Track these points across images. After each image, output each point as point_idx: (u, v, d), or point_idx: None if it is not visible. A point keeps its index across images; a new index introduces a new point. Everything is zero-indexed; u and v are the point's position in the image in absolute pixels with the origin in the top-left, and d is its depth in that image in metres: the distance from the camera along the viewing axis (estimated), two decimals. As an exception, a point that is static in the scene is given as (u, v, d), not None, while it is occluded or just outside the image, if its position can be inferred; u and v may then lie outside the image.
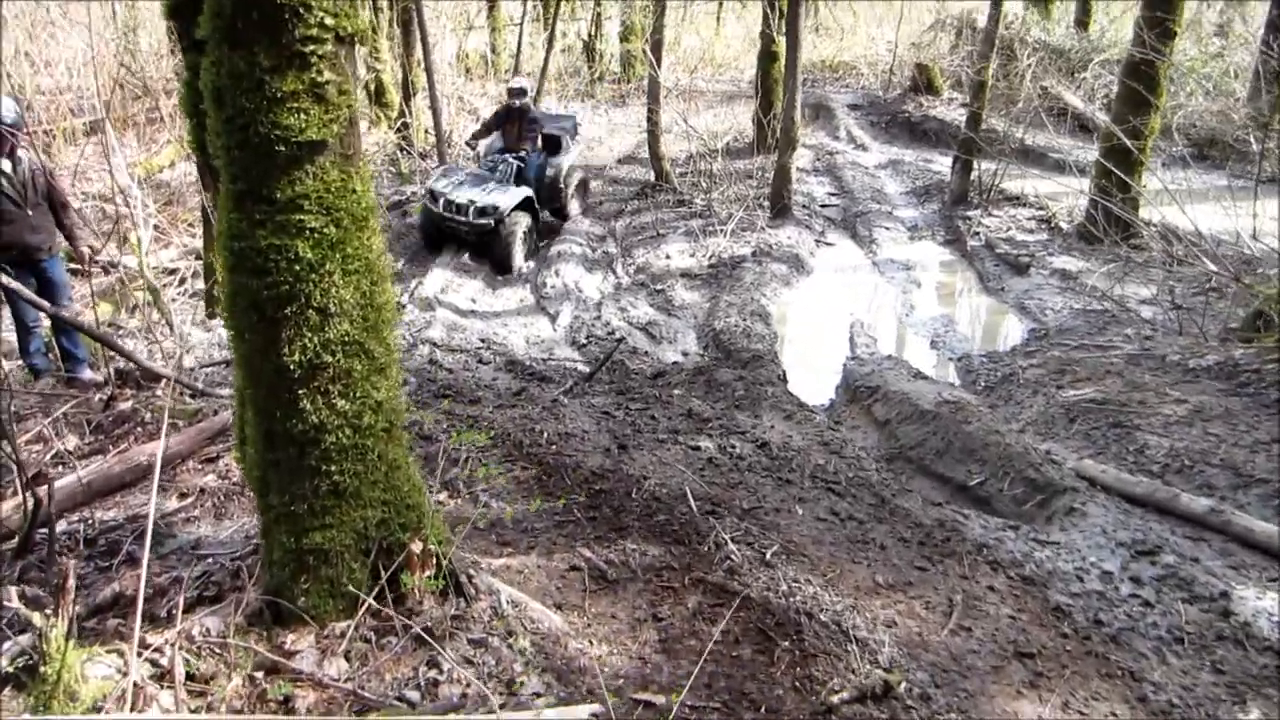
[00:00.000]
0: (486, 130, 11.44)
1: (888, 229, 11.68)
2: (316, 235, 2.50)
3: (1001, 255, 10.01)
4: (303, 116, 2.42)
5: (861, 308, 9.22)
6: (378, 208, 2.71)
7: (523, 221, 10.47)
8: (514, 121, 11.17)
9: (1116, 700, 2.95)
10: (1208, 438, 5.08)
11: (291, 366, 2.51)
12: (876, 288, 10.02)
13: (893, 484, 4.76)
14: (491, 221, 10.06)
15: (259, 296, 2.49)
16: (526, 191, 10.53)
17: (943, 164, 13.73)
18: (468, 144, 11.81)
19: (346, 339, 2.58)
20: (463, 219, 10.03)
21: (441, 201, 10.14)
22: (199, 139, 2.68)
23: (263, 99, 2.38)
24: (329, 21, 2.42)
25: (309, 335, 2.52)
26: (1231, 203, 8.07)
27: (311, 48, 2.40)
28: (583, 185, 12.47)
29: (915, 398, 6.00)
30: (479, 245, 10.41)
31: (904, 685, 2.72)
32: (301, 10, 2.36)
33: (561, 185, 11.48)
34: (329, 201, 2.52)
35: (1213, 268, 7.37)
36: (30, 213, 5.68)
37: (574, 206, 12.08)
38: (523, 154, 10.87)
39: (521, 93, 11.07)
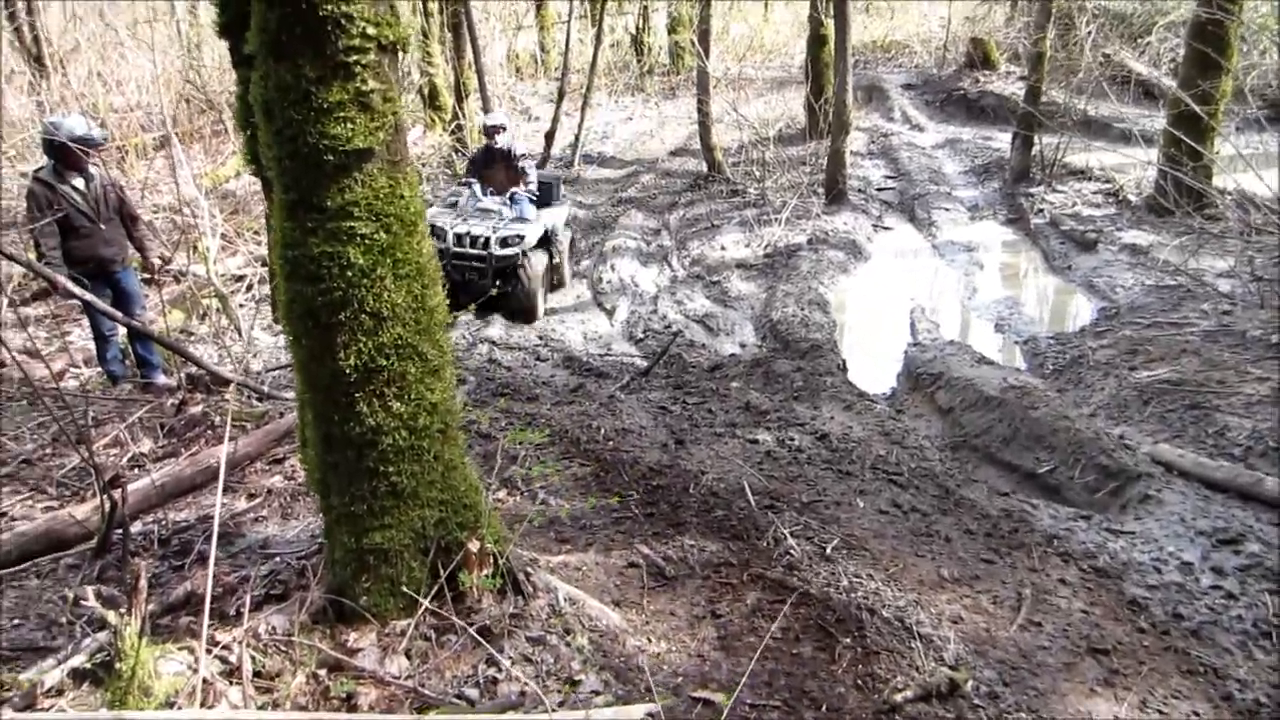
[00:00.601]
0: (478, 175, 9.40)
1: (947, 210, 11.45)
2: (367, 241, 2.53)
3: (1067, 232, 9.74)
4: (349, 125, 2.44)
5: (922, 292, 9.05)
6: (426, 212, 2.73)
7: (543, 261, 8.88)
8: (497, 165, 9.32)
9: (1199, 699, 2.84)
10: (1292, 417, 4.87)
11: (347, 371, 2.55)
12: (937, 271, 9.84)
13: (957, 474, 4.67)
14: (518, 253, 8.40)
15: (314, 303, 2.53)
16: (546, 224, 8.95)
17: (1002, 141, 13.40)
18: (461, 185, 9.54)
19: (400, 342, 2.61)
20: (480, 253, 8.33)
21: (450, 237, 8.41)
22: (253, 151, 2.74)
23: (310, 110, 2.41)
24: (371, 31, 2.44)
25: (363, 340, 2.56)
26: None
27: (355, 58, 2.43)
28: (572, 248, 10.36)
29: (979, 384, 5.87)
30: (491, 294, 8.33)
31: (970, 683, 2.66)
32: (344, 21, 2.39)
33: (558, 242, 9.44)
34: (378, 208, 2.54)
35: (1293, 238, 7.06)
36: (103, 227, 5.87)
37: (567, 270, 9.97)
38: (528, 193, 9.03)
39: (499, 129, 9.31)
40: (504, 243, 8.42)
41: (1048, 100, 12.47)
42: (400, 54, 2.72)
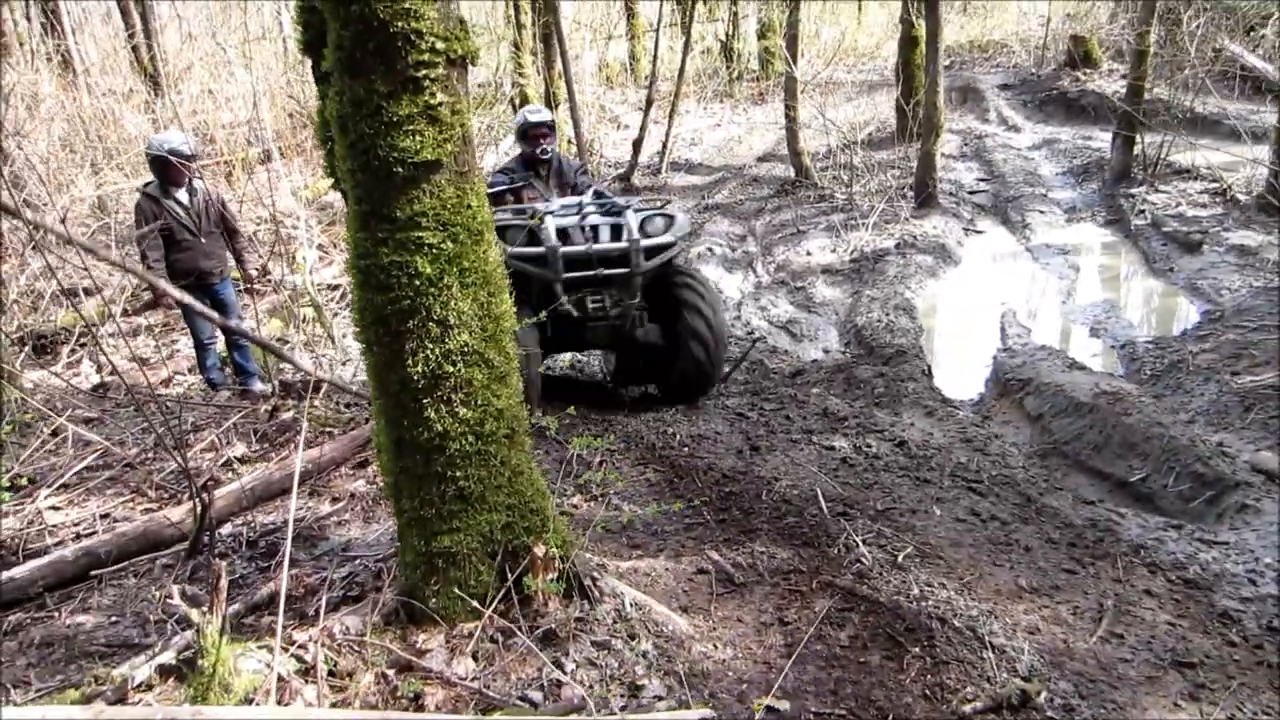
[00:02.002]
0: (513, 192, 5.89)
1: (1042, 212, 11.09)
2: (434, 251, 2.61)
3: (1170, 233, 9.32)
4: (418, 138, 2.52)
5: (1014, 297, 8.77)
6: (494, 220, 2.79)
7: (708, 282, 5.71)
8: (544, 182, 5.98)
9: (1292, 716, 2.69)
10: None
11: (415, 377, 2.63)
12: (1030, 275, 9.53)
13: (1040, 482, 4.52)
14: (673, 242, 5.26)
15: (384, 311, 2.62)
16: (682, 214, 5.75)
17: (1102, 140, 12.90)
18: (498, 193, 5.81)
19: (466, 349, 2.67)
20: (613, 247, 5.11)
21: (552, 234, 5.02)
22: (331, 165, 2.85)
23: (381, 123, 2.50)
24: (440, 46, 2.52)
25: (430, 347, 2.63)
26: None
27: (424, 72, 2.51)
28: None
29: (1070, 389, 5.67)
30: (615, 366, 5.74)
31: (1044, 695, 2.57)
32: (414, 37, 2.47)
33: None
34: (445, 218, 2.62)
35: None
36: (204, 240, 6.19)
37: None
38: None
39: (545, 131, 5.87)
40: (644, 228, 5.16)
41: (1153, 97, 11.96)
42: (469, 67, 2.79)
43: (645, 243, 5.09)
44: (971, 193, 12.40)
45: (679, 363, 5.32)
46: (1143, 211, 10.13)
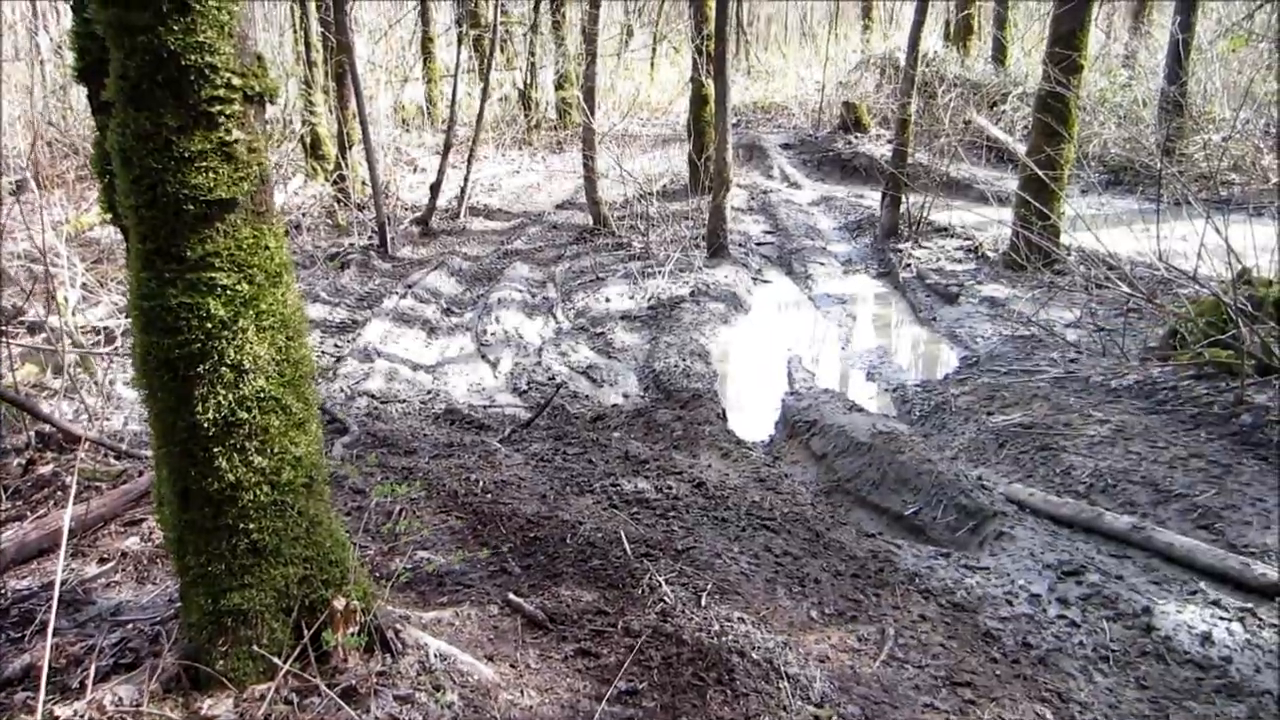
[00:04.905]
0: None
1: (822, 264, 11.90)
2: (229, 293, 2.49)
3: (932, 285, 10.25)
4: (212, 175, 2.42)
5: (799, 343, 9.34)
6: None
7: None
8: None
9: (1045, 721, 3.00)
10: (1129, 456, 5.22)
11: (205, 424, 2.49)
12: (813, 322, 10.19)
13: (827, 517, 4.81)
14: None
15: (171, 355, 2.47)
16: None
17: (873, 199, 14.05)
18: None
19: (262, 395, 2.56)
20: None
21: None
22: (110, 199, 2.67)
23: (170, 159, 2.38)
24: (236, 81, 2.44)
25: (223, 392, 2.51)
26: (1143, 226, 8.39)
27: (219, 107, 2.42)
28: None
29: (851, 430, 6.08)
30: None
31: (834, 719, 2.73)
32: (207, 71, 2.37)
33: None
34: (241, 259, 2.51)
35: (1126, 290, 7.64)
36: None
37: None
38: None
39: None
40: None
41: (914, 161, 13.18)
42: (267, 105, 2.71)
43: None
44: (759, 244, 13.13)
45: None
46: (909, 265, 11.09)
